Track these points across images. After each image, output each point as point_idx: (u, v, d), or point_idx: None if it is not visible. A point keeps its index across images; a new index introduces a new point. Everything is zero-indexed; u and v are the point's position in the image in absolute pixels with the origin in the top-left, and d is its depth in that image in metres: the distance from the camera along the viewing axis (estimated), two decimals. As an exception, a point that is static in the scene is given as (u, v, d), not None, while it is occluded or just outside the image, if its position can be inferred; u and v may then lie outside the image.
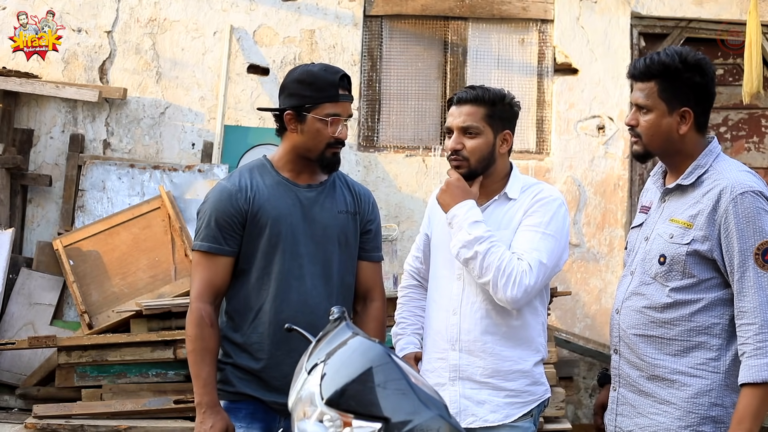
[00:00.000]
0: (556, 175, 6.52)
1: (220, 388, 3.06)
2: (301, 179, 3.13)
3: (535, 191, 3.14)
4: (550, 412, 5.20)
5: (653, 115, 2.82)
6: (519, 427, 3.08)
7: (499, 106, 3.15)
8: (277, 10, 6.59)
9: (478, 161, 3.12)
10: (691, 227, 2.76)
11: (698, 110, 2.83)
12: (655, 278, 2.83)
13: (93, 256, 5.89)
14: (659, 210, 2.91)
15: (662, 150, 2.87)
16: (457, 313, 3.11)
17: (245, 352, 3.06)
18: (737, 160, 2.90)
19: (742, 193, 2.70)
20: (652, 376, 2.82)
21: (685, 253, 2.75)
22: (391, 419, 2.20)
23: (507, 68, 6.72)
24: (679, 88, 2.80)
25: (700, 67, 2.81)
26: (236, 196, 3.04)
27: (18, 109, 6.51)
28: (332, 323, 2.54)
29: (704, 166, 2.82)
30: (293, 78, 3.08)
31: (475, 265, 2.98)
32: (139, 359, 5.32)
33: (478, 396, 3.05)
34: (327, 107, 3.04)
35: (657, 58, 2.82)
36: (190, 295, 3.08)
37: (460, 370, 3.10)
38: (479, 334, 3.08)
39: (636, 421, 2.86)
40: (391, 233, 5.48)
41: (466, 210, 3.04)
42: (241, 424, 3.04)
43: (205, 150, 6.49)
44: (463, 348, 3.10)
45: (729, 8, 6.61)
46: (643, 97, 2.83)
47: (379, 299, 3.29)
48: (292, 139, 3.09)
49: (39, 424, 5.11)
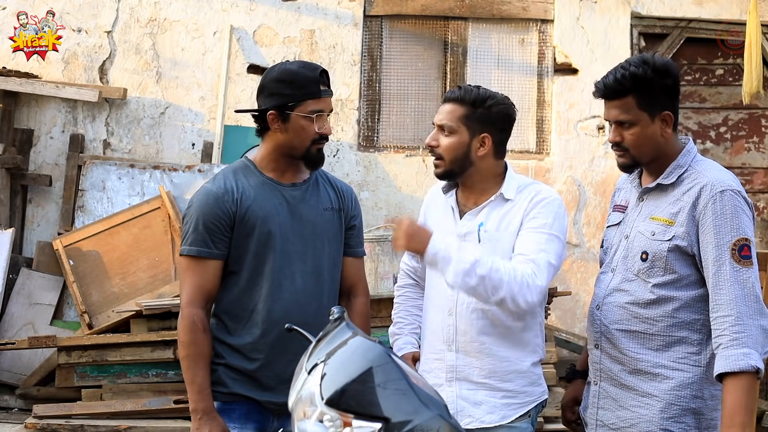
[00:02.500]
0: (556, 175, 6.52)
1: (214, 390, 3.04)
2: (285, 178, 3.12)
3: (533, 192, 3.12)
4: (550, 412, 5.20)
5: (638, 128, 2.86)
6: (516, 427, 3.07)
7: (480, 109, 3.10)
8: (277, 10, 6.59)
9: (451, 161, 3.09)
10: (673, 224, 2.82)
11: (674, 111, 2.90)
12: (638, 275, 2.88)
13: (93, 256, 5.89)
14: (637, 209, 2.95)
15: (651, 158, 2.91)
16: (453, 314, 3.10)
17: (238, 353, 3.05)
18: (716, 161, 2.97)
19: (722, 191, 2.77)
20: (635, 370, 2.88)
21: (666, 249, 2.81)
22: (391, 419, 2.20)
23: (507, 68, 6.72)
24: (656, 95, 2.84)
25: (668, 70, 2.86)
26: (223, 198, 3.02)
27: (18, 109, 6.51)
28: (332, 323, 2.54)
29: (683, 166, 2.87)
30: (272, 77, 3.06)
31: (483, 289, 2.91)
32: (139, 359, 5.32)
33: (475, 397, 3.05)
34: (310, 104, 3.03)
35: (626, 72, 2.84)
36: (181, 301, 3.05)
37: (456, 370, 3.09)
38: (476, 335, 3.07)
39: (618, 414, 2.91)
40: (391, 233, 5.48)
41: (442, 241, 2.94)
42: (235, 425, 3.03)
43: (205, 150, 6.49)
44: (459, 349, 3.09)
45: (729, 8, 6.61)
46: (623, 112, 2.86)
47: (363, 294, 3.29)
48: (275, 138, 3.08)
49: (39, 424, 5.11)
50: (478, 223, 3.10)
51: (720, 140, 6.74)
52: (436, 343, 3.14)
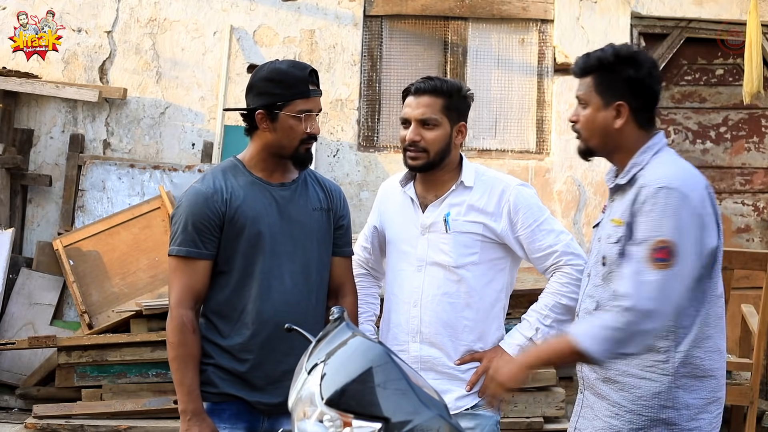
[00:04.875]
0: (556, 175, 6.53)
1: (203, 390, 3.02)
2: (274, 178, 3.11)
3: (498, 189, 3.18)
4: (550, 412, 5.20)
5: (590, 110, 2.80)
6: (482, 415, 3.15)
7: (456, 98, 3.16)
8: (277, 10, 6.60)
9: (436, 153, 3.14)
10: (621, 225, 2.72)
11: (635, 105, 2.77)
12: (603, 280, 2.79)
13: (93, 256, 5.89)
14: (609, 209, 2.87)
15: (601, 145, 2.83)
16: (417, 305, 3.16)
17: (228, 354, 3.03)
18: (679, 156, 2.83)
19: (658, 188, 2.63)
20: (606, 379, 2.79)
21: (616, 253, 2.72)
22: (391, 419, 2.20)
23: (507, 68, 6.73)
24: (613, 81, 2.77)
25: (634, 61, 2.77)
26: (213, 198, 3.00)
27: (18, 109, 6.51)
28: (332, 323, 2.54)
29: (640, 164, 2.76)
30: (261, 77, 3.04)
31: (567, 320, 3.13)
32: (139, 359, 5.32)
33: (442, 386, 3.07)
34: (299, 104, 3.01)
35: (593, 54, 2.81)
36: (170, 302, 3.04)
37: (422, 361, 3.15)
38: (440, 327, 3.14)
39: (593, 424, 2.83)
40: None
41: (513, 347, 3.17)
42: (226, 425, 3.02)
43: (205, 150, 6.49)
44: (423, 340, 3.16)
45: (729, 8, 6.61)
46: (581, 91, 2.83)
47: (351, 294, 3.28)
48: (263, 138, 3.06)
49: (39, 424, 5.12)
50: (444, 213, 3.16)
51: (720, 140, 6.74)
52: (399, 335, 3.21)
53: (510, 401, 5.10)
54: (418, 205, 3.22)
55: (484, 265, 3.16)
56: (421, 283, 3.16)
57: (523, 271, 4.88)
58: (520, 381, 2.80)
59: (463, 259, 3.14)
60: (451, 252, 3.14)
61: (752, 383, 4.88)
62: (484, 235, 3.15)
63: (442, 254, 3.15)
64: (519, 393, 5.14)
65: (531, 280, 5.22)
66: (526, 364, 2.77)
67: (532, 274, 5.24)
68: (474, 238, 3.15)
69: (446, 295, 3.14)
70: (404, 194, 3.26)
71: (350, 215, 3.33)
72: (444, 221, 3.16)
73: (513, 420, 5.12)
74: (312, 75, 3.06)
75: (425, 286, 3.15)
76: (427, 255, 3.17)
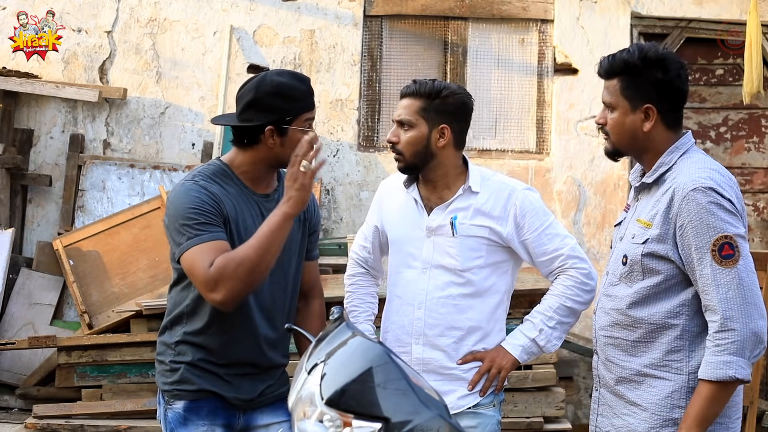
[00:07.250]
0: (556, 175, 6.52)
1: (180, 389, 3.01)
2: (260, 188, 3.09)
3: (504, 193, 3.19)
4: (550, 412, 5.20)
5: (618, 113, 2.80)
6: (484, 414, 3.17)
7: (436, 100, 3.15)
8: (277, 10, 6.59)
9: (412, 155, 3.15)
10: (650, 227, 2.73)
11: (663, 107, 2.77)
12: (621, 279, 2.81)
13: (93, 256, 5.89)
14: (633, 208, 2.88)
15: (630, 147, 2.85)
16: (422, 308, 3.17)
17: (203, 350, 3.02)
18: (708, 156, 2.83)
19: (693, 190, 2.64)
20: (621, 378, 2.81)
21: (641, 254, 2.73)
22: (391, 419, 2.20)
23: (507, 68, 6.72)
24: (641, 85, 2.76)
25: (661, 63, 2.75)
26: (210, 194, 2.96)
27: (18, 109, 6.51)
28: (332, 323, 2.54)
29: (668, 164, 2.77)
30: (266, 92, 2.98)
31: (570, 323, 3.25)
32: (139, 359, 5.32)
33: (444, 387, 3.08)
34: (305, 116, 3.02)
35: (620, 55, 2.79)
36: (201, 277, 2.82)
37: (424, 363, 3.16)
38: (444, 329, 3.16)
39: (612, 422, 2.85)
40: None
41: (514, 345, 3.22)
42: (204, 422, 3.00)
43: (205, 150, 6.49)
44: (427, 342, 3.17)
45: (729, 8, 6.61)
46: (608, 95, 2.81)
47: (319, 296, 3.31)
48: (264, 151, 3.02)
49: (39, 424, 5.12)
50: (451, 216, 3.17)
51: (720, 140, 6.73)
52: (402, 337, 3.22)
53: (510, 401, 5.11)
54: (422, 207, 3.22)
55: (489, 268, 3.18)
56: (425, 286, 3.17)
57: (523, 272, 4.88)
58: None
59: (470, 262, 3.15)
60: (458, 255, 3.15)
61: (752, 383, 4.88)
62: (490, 239, 3.17)
63: (448, 257, 3.16)
64: (519, 393, 5.15)
65: (531, 281, 5.22)
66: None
67: (532, 275, 5.23)
68: (480, 242, 3.16)
69: (451, 297, 3.15)
70: (407, 195, 3.26)
71: (321, 218, 3.33)
72: (451, 225, 3.16)
73: (513, 420, 5.11)
74: (310, 85, 3.08)
75: (430, 288, 3.17)
76: (432, 257, 3.18)
